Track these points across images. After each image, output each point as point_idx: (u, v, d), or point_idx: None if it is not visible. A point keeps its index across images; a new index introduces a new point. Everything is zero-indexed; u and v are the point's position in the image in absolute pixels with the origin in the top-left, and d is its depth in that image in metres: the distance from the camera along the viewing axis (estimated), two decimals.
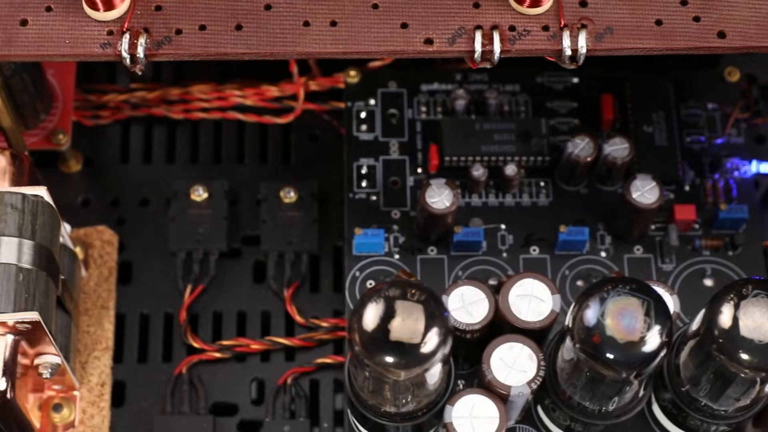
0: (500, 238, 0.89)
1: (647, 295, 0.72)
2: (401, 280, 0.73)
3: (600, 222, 0.90)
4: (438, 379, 0.76)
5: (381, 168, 0.91)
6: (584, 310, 0.72)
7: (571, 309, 0.73)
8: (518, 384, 0.77)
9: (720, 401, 0.77)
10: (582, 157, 0.88)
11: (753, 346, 0.71)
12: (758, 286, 0.72)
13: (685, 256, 0.89)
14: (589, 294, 0.72)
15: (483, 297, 0.80)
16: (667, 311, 0.72)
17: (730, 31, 0.75)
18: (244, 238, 0.93)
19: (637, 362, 0.71)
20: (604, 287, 0.72)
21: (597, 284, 0.72)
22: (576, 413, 0.78)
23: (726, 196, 0.91)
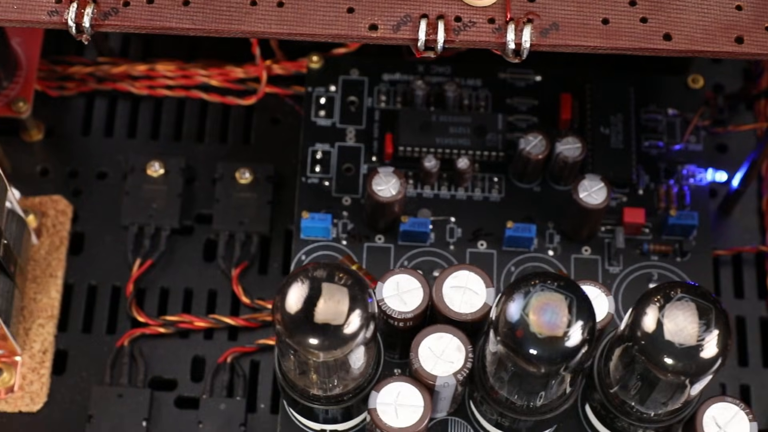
0: (449, 230, 0.89)
1: (571, 292, 0.71)
2: (328, 262, 0.73)
3: (550, 221, 0.90)
4: (362, 364, 0.76)
5: (336, 154, 0.91)
6: (508, 304, 0.72)
7: (495, 302, 0.73)
8: (444, 374, 0.77)
9: (647, 404, 0.77)
10: (533, 154, 0.88)
11: (675, 349, 0.71)
12: (684, 289, 0.72)
13: (633, 259, 0.89)
14: (513, 288, 0.72)
15: (418, 286, 0.80)
16: (591, 309, 0.72)
17: (676, 34, 0.75)
18: (198, 216, 0.93)
19: (557, 358, 0.71)
20: (529, 282, 0.72)
21: (522, 279, 0.72)
22: (504, 408, 0.78)
23: (679, 203, 0.90)
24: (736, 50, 0.75)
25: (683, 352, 0.71)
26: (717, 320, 0.71)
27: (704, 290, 0.72)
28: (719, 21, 0.75)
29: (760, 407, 0.88)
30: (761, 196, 0.94)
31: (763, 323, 0.91)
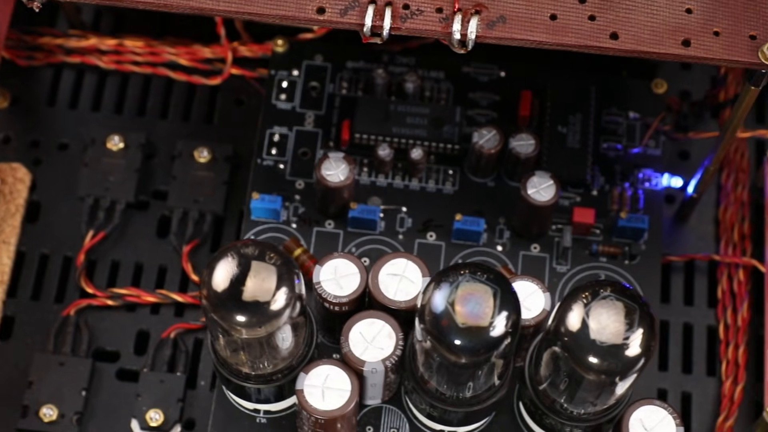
0: (399, 220, 0.90)
1: (497, 284, 0.72)
2: (258, 240, 0.74)
3: (502, 216, 0.90)
4: (291, 344, 0.76)
5: (293, 138, 0.92)
6: (434, 293, 0.72)
7: (422, 290, 0.73)
8: (373, 360, 0.77)
9: (575, 403, 0.76)
10: (486, 149, 0.88)
11: (597, 347, 0.71)
12: (610, 288, 0.72)
13: (581, 259, 0.89)
14: (441, 277, 0.72)
15: (356, 272, 0.80)
16: (516, 302, 0.72)
17: (623, 33, 0.75)
18: (154, 192, 0.94)
19: (479, 348, 0.71)
20: (457, 272, 0.72)
21: (450, 268, 0.72)
22: (433, 399, 0.78)
23: (632, 206, 0.90)
24: (682, 53, 0.75)
25: (605, 350, 0.71)
26: (641, 320, 0.71)
27: (631, 290, 0.72)
28: (667, 23, 0.75)
29: (700, 415, 0.88)
30: (719, 204, 0.94)
31: (710, 332, 0.91)
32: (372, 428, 0.83)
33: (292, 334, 0.75)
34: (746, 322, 0.89)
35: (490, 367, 0.75)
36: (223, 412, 0.84)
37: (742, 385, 0.87)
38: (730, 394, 0.87)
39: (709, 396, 0.89)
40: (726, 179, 0.94)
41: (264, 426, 0.83)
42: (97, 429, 0.86)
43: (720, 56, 0.75)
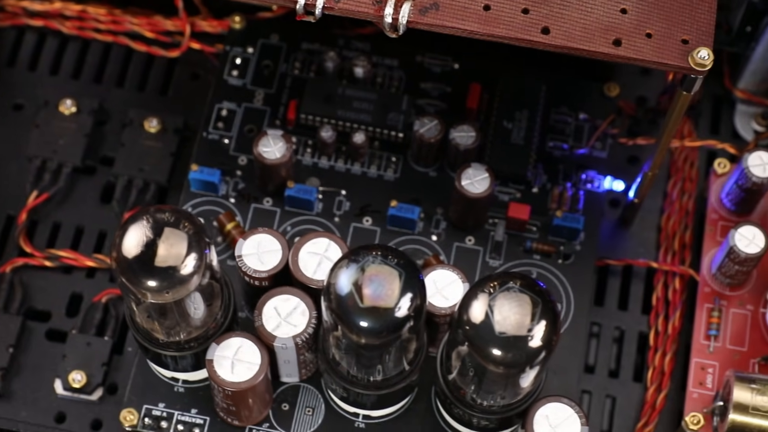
0: (337, 202, 0.90)
1: (404, 268, 0.72)
2: (173, 207, 0.74)
3: (440, 206, 0.90)
4: (203, 313, 0.76)
5: (241, 114, 0.92)
6: (339, 272, 0.72)
7: (330, 269, 0.73)
8: (284, 336, 0.78)
9: (481, 394, 0.76)
10: (426, 137, 0.88)
11: (496, 338, 0.71)
12: (516, 280, 0.72)
13: (514, 255, 0.89)
14: (349, 257, 0.72)
15: (278, 248, 0.81)
16: (421, 287, 0.72)
17: (555, 28, 0.75)
18: (103, 158, 0.95)
19: (379, 329, 0.71)
20: (364, 252, 0.72)
21: (359, 248, 0.73)
22: (345, 382, 0.78)
23: (571, 206, 0.90)
24: (611, 52, 0.75)
25: (505, 341, 0.71)
26: (544, 314, 0.71)
27: (535, 283, 0.72)
28: (600, 21, 0.75)
29: (621, 420, 0.88)
30: (663, 212, 0.93)
31: (641, 338, 0.90)
32: (288, 406, 0.84)
33: (204, 303, 0.76)
34: (677, 331, 0.89)
35: (397, 350, 0.75)
36: (142, 379, 0.84)
37: (665, 392, 0.87)
38: (653, 401, 0.87)
39: (633, 401, 0.88)
40: (672, 187, 0.93)
41: (182, 395, 0.84)
42: (21, 386, 0.87)
43: (650, 58, 0.75)
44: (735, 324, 0.87)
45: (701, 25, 0.75)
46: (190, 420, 0.83)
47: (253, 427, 0.83)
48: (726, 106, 0.98)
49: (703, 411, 0.84)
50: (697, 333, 0.87)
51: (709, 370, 0.86)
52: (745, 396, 0.81)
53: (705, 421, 0.84)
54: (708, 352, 0.86)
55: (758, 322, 0.87)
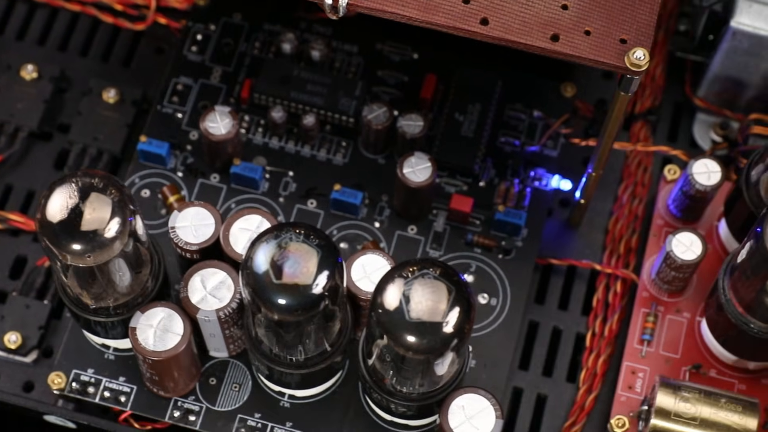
0: (284, 183, 0.90)
1: (321, 247, 0.72)
2: (100, 171, 0.75)
3: (385, 194, 0.90)
4: (129, 280, 0.77)
5: (197, 90, 0.93)
6: (257, 247, 0.72)
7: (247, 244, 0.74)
8: (207, 309, 0.78)
9: (400, 380, 0.77)
10: (374, 124, 0.88)
11: (407, 323, 0.71)
12: (429, 267, 0.72)
13: (456, 247, 0.89)
14: (266, 233, 0.73)
15: (212, 222, 0.81)
16: (339, 266, 0.72)
17: (493, 20, 0.75)
18: (60, 125, 0.95)
19: (293, 306, 0.72)
20: (282, 230, 0.72)
21: (278, 226, 0.73)
22: (268, 360, 0.79)
23: (517, 202, 0.90)
24: (548, 47, 0.75)
25: (416, 327, 0.71)
26: (457, 302, 0.71)
27: (451, 271, 0.72)
28: (540, 16, 0.75)
29: (551, 419, 0.87)
30: (611, 214, 0.93)
31: (578, 339, 0.90)
32: (215, 380, 0.84)
33: (129, 270, 0.76)
34: (613, 334, 0.88)
35: (318, 330, 0.75)
36: (74, 344, 0.85)
37: (595, 393, 0.87)
38: (582, 402, 0.87)
39: (564, 401, 0.88)
40: (623, 191, 0.93)
41: (111, 362, 0.85)
42: None
43: (586, 55, 0.74)
44: (670, 330, 0.87)
45: (641, 26, 0.75)
46: (117, 387, 0.84)
47: (179, 398, 0.84)
48: (686, 114, 0.98)
49: (630, 415, 0.84)
50: (631, 337, 0.87)
51: (639, 375, 0.86)
52: (668, 402, 0.81)
53: (630, 425, 0.84)
54: (640, 357, 0.86)
55: (693, 330, 0.87)
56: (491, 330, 0.87)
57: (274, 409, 0.84)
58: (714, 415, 0.80)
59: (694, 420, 0.80)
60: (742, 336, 0.81)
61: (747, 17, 0.87)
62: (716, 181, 0.86)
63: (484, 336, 0.86)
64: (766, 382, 0.85)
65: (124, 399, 0.83)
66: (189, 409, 0.83)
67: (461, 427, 0.76)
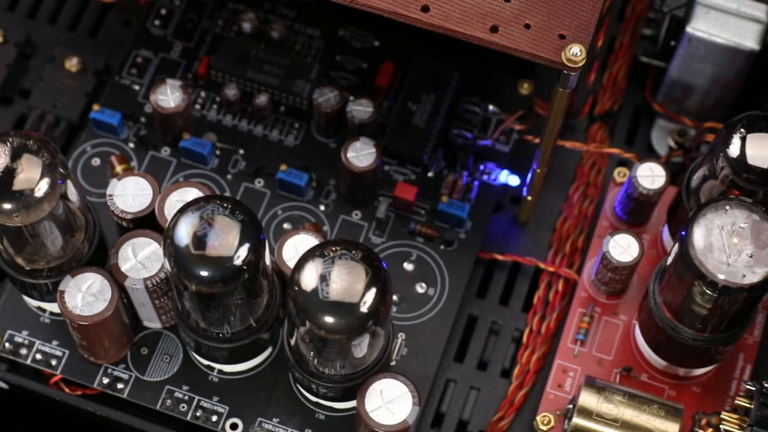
0: (233, 161, 0.91)
1: (243, 222, 0.72)
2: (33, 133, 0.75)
3: (333, 178, 0.90)
4: (60, 244, 0.77)
5: (156, 63, 0.93)
6: (179, 218, 0.73)
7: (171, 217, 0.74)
8: (135, 277, 0.79)
9: (320, 361, 0.77)
10: (324, 107, 0.88)
11: (321, 303, 0.71)
12: (349, 247, 0.72)
13: (398, 235, 0.89)
14: (189, 205, 0.73)
15: (149, 192, 0.82)
16: (259, 241, 0.72)
17: (434, 8, 0.75)
18: (21, 90, 0.96)
19: (211, 278, 0.72)
20: (208, 201, 0.73)
21: (202, 198, 0.73)
22: (195, 335, 0.79)
23: (463, 195, 0.90)
24: (486, 38, 0.75)
25: (328, 306, 0.71)
26: (372, 283, 0.71)
27: (371, 254, 0.72)
28: (481, 6, 0.75)
29: (481, 413, 0.87)
30: (561, 213, 0.93)
31: (515, 335, 0.90)
32: (147, 350, 0.85)
33: (61, 233, 0.77)
34: (550, 332, 0.88)
35: (243, 305, 0.76)
36: (12, 305, 0.86)
37: (526, 390, 0.87)
38: (512, 397, 0.87)
39: (496, 396, 0.88)
40: (574, 191, 0.93)
41: (46, 326, 0.85)
42: None
43: (523, 48, 0.74)
44: (605, 332, 0.87)
45: (581, 23, 0.75)
46: (50, 351, 0.85)
47: (109, 366, 0.84)
48: (646, 118, 0.97)
49: (557, 413, 0.84)
50: (565, 336, 0.87)
51: (570, 374, 0.85)
52: (591, 401, 0.81)
53: (556, 423, 0.84)
54: (572, 356, 0.86)
55: (629, 333, 0.86)
56: (426, 319, 0.87)
57: (202, 382, 0.84)
58: (636, 418, 0.80)
59: (615, 421, 0.80)
60: (671, 341, 0.80)
61: (703, 23, 0.87)
62: (660, 185, 0.85)
63: (419, 325, 0.86)
64: (696, 390, 0.85)
65: (56, 363, 0.84)
66: (118, 377, 0.84)
67: (377, 412, 0.76)
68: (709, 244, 0.73)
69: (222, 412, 0.84)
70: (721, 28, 0.87)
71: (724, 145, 0.77)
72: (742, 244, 0.73)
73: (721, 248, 0.73)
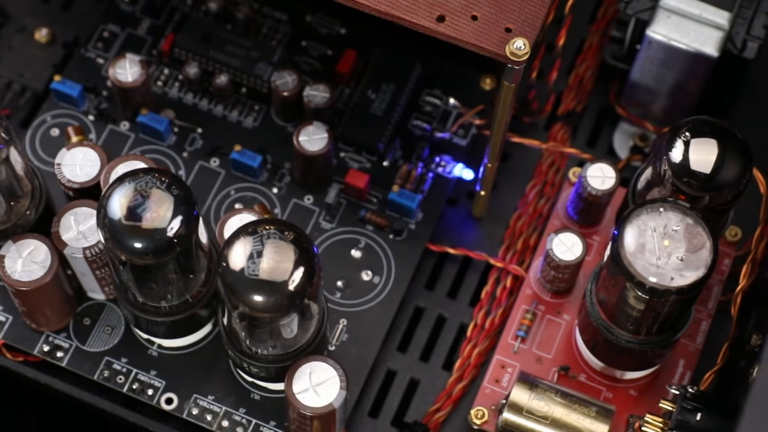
0: (191, 139, 0.91)
1: (177, 196, 0.73)
2: None
3: (288, 162, 0.91)
4: (4, 209, 0.78)
5: (123, 39, 0.94)
6: (112, 188, 0.73)
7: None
8: (75, 246, 0.79)
9: (252, 340, 0.77)
10: (280, 90, 0.89)
11: (246, 281, 0.72)
12: (278, 227, 0.72)
13: (348, 222, 0.89)
14: (123, 177, 0.73)
15: (97, 164, 0.82)
16: (192, 217, 0.73)
17: None
18: None
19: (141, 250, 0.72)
20: (138, 173, 0.73)
21: (138, 170, 0.74)
22: (134, 308, 0.80)
23: (416, 186, 0.90)
24: (432, 27, 0.75)
25: (253, 283, 0.71)
26: (299, 263, 0.72)
27: (301, 236, 0.73)
28: None
29: (419, 404, 0.87)
30: (516, 210, 0.93)
31: (461, 329, 0.90)
32: (89, 321, 0.85)
33: (2, 197, 0.78)
34: (494, 327, 0.88)
35: (178, 280, 0.76)
36: None
37: (465, 383, 0.87)
38: (451, 389, 0.87)
39: (436, 388, 0.88)
40: (531, 189, 0.93)
41: None
42: None
43: (468, 39, 0.75)
44: (547, 330, 0.87)
45: (528, 17, 0.75)
46: None
47: (51, 333, 0.85)
48: (610, 121, 0.97)
49: (491, 408, 0.84)
50: (506, 332, 0.87)
51: (508, 370, 0.85)
52: (522, 397, 0.81)
53: (490, 417, 0.84)
54: (512, 352, 0.86)
55: (570, 333, 0.86)
56: (369, 307, 0.87)
57: (141, 356, 0.85)
58: (566, 417, 0.80)
59: (545, 419, 0.80)
60: (608, 343, 0.80)
61: (664, 27, 0.87)
62: (609, 186, 0.85)
63: (361, 312, 0.87)
64: (633, 393, 0.85)
65: None
66: (59, 345, 0.85)
67: (304, 394, 0.76)
68: (641, 245, 0.73)
69: (159, 387, 0.84)
70: (681, 33, 0.86)
71: (667, 149, 0.77)
72: (673, 246, 0.73)
73: (652, 250, 0.73)
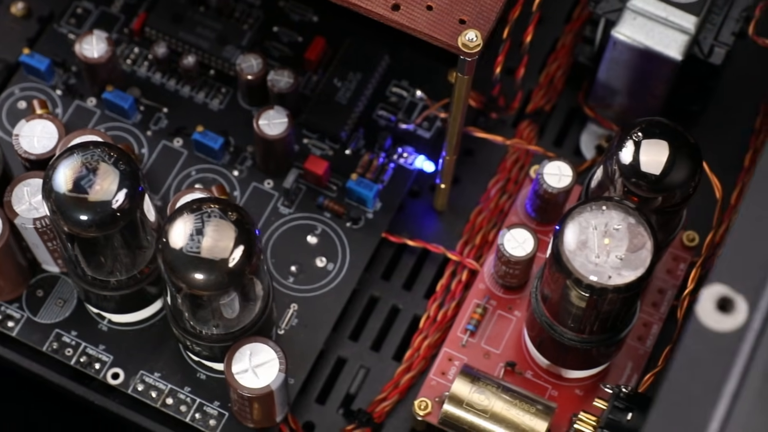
0: (156, 118, 0.92)
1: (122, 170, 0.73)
2: None
3: (251, 146, 0.91)
4: None
5: (96, 16, 0.95)
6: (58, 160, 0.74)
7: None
8: (25, 216, 0.80)
9: (195, 320, 0.78)
10: (244, 73, 0.89)
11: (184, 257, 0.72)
12: (219, 206, 0.73)
13: (306, 208, 0.89)
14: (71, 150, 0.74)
15: (55, 137, 0.83)
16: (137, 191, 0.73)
17: None
18: None
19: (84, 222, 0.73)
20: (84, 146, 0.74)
21: (84, 143, 0.74)
22: (84, 282, 0.80)
23: (377, 176, 0.90)
24: (386, 15, 0.75)
25: (191, 260, 0.72)
26: (238, 242, 0.72)
27: (242, 216, 0.73)
28: None
29: (367, 392, 0.88)
30: (478, 204, 0.93)
31: (414, 320, 0.90)
32: (42, 293, 0.86)
33: None
34: (446, 320, 0.88)
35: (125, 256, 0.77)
36: None
37: (412, 374, 0.87)
38: (398, 379, 0.87)
39: (385, 377, 0.88)
40: (493, 185, 0.93)
41: None
42: None
43: (421, 29, 0.75)
44: (497, 326, 0.87)
45: (483, 10, 0.75)
46: None
47: (3, 303, 0.86)
48: (579, 121, 0.97)
49: (435, 399, 0.84)
50: (456, 325, 0.87)
51: (455, 363, 0.85)
52: (463, 390, 0.81)
53: (433, 409, 0.84)
54: (460, 345, 0.86)
55: (520, 329, 0.86)
56: (321, 293, 0.87)
57: (91, 330, 0.85)
58: (505, 411, 0.80)
59: (485, 412, 0.80)
60: (552, 341, 0.80)
61: (629, 28, 0.86)
62: (566, 184, 0.85)
63: (313, 298, 0.87)
64: (579, 393, 0.85)
65: None
66: (10, 315, 0.85)
67: (243, 374, 0.77)
68: (581, 243, 0.73)
69: (106, 361, 0.85)
70: (646, 35, 0.86)
71: (617, 149, 0.77)
72: (613, 245, 0.73)
73: (592, 248, 0.73)
